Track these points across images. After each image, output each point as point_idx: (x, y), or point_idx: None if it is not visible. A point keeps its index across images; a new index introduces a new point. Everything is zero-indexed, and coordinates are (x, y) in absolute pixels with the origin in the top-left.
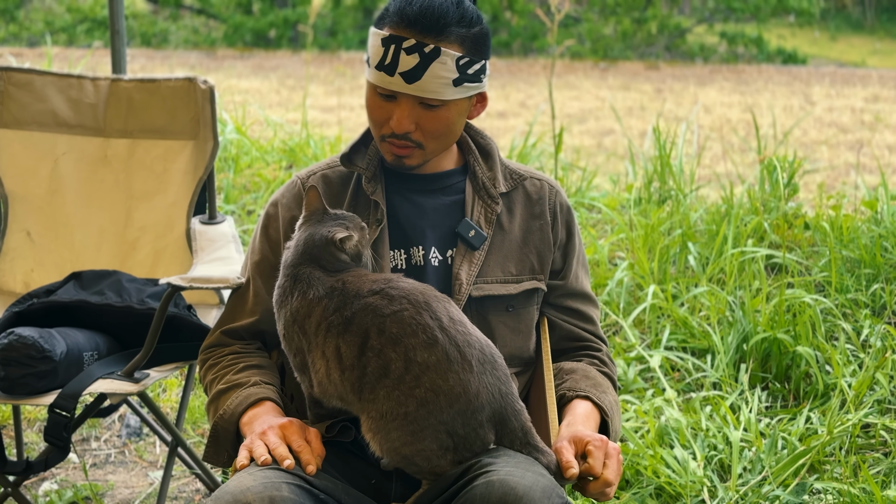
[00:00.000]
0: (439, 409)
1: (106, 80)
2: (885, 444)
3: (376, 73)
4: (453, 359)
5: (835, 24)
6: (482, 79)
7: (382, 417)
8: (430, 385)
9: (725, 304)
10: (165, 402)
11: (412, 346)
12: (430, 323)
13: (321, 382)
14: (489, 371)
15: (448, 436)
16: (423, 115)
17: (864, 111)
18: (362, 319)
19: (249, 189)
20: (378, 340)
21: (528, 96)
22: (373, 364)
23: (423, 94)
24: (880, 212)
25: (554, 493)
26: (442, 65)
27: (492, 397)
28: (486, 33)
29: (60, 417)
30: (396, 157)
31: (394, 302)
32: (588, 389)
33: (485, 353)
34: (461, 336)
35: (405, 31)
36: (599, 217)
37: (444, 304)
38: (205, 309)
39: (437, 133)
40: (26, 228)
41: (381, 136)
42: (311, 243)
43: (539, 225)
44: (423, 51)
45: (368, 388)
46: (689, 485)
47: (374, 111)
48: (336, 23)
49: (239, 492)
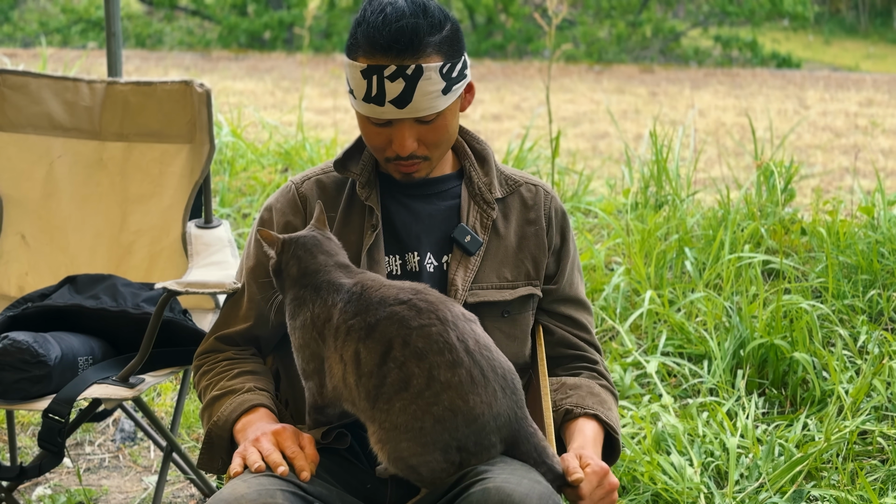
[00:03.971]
0: (455, 428)
1: (102, 82)
2: (882, 451)
3: (366, 106)
4: (477, 381)
5: (829, 28)
6: (466, 73)
7: (395, 429)
8: (449, 404)
9: (722, 309)
10: (160, 407)
11: (437, 364)
12: (457, 343)
13: (336, 386)
14: (509, 395)
15: (458, 452)
16: (422, 130)
17: (858, 115)
18: (387, 328)
19: (245, 192)
20: (402, 352)
21: (522, 99)
22: (393, 375)
23: (418, 115)
24: (877, 217)
25: (550, 499)
26: (427, 80)
27: (508, 421)
28: (456, 28)
29: (55, 422)
30: (405, 175)
31: (422, 315)
32: (595, 407)
33: (507, 380)
34: (486, 361)
35: (382, 58)
36: (596, 222)
37: (471, 325)
38: (200, 313)
39: (439, 142)
40: (21, 232)
41: (386, 158)
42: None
43: (534, 230)
44: (406, 73)
45: (385, 398)
46: (685, 491)
47: (372, 139)
48: (331, 25)
49: (233, 499)
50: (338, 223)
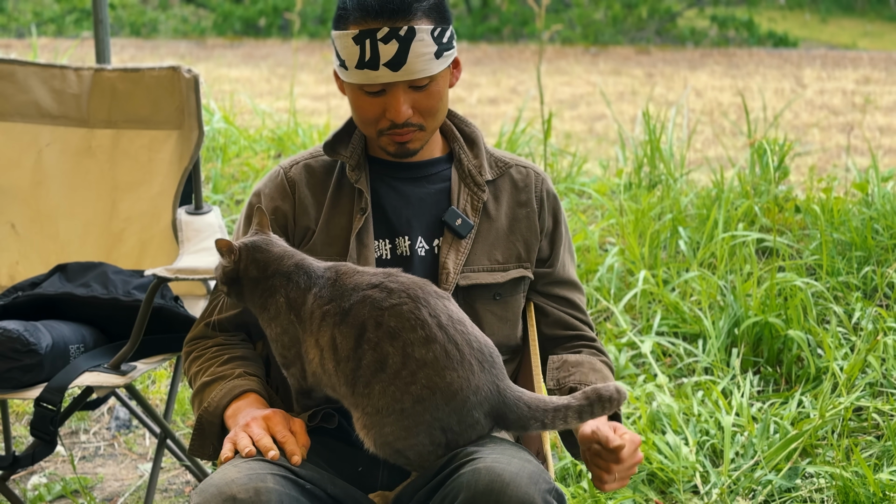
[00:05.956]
0: (435, 406)
1: (89, 70)
2: (877, 427)
3: (359, 73)
4: (452, 356)
5: (825, 7)
6: (454, 44)
7: (378, 413)
8: (426, 382)
9: (716, 288)
10: (154, 394)
11: (410, 342)
12: (429, 319)
13: (315, 373)
14: (487, 369)
15: (442, 432)
16: (416, 97)
17: (854, 93)
18: (360, 311)
19: (238, 178)
20: (375, 333)
21: (518, 82)
22: (368, 357)
23: (413, 77)
24: (871, 194)
25: (541, 478)
26: (420, 42)
27: (490, 394)
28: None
29: (47, 411)
30: (400, 146)
31: (392, 295)
32: (598, 383)
33: (483, 353)
34: (461, 335)
35: (374, 22)
36: (590, 202)
37: (443, 301)
38: (192, 300)
39: (433, 109)
40: (10, 221)
41: (380, 130)
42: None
43: (525, 213)
44: (399, 35)
45: (363, 381)
46: (681, 470)
47: (365, 111)
48: (325, 10)
49: (224, 484)
50: (326, 207)
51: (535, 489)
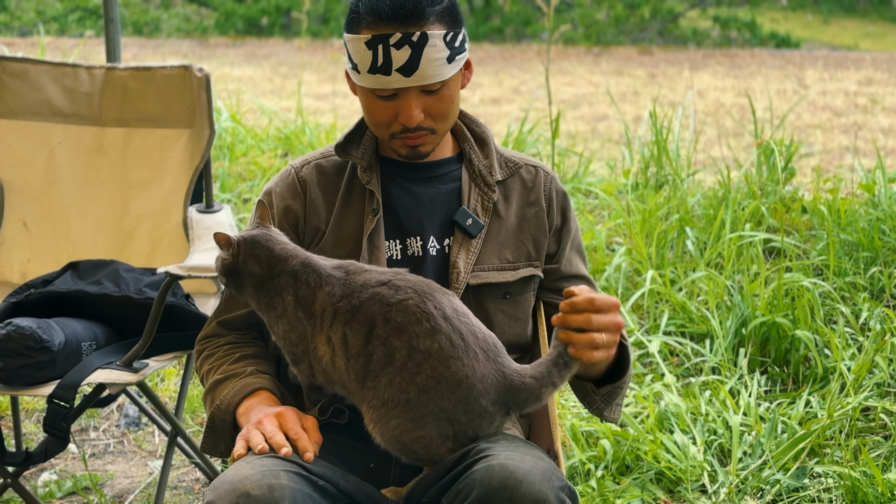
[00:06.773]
0: (440, 396)
1: (101, 68)
2: (885, 428)
3: (371, 78)
4: (457, 346)
5: (827, 8)
6: (466, 47)
7: (384, 405)
8: (431, 372)
9: (724, 288)
10: (164, 392)
11: (416, 334)
12: (434, 312)
13: (325, 370)
14: (492, 358)
15: (449, 423)
16: (427, 101)
17: (857, 94)
18: (369, 308)
19: (245, 177)
20: (384, 329)
21: (521, 82)
22: (378, 352)
23: (425, 82)
24: (877, 195)
25: (554, 475)
26: (433, 48)
27: (496, 381)
28: (454, 1)
29: (59, 408)
30: (412, 149)
31: (399, 292)
32: None
33: (488, 343)
34: (465, 326)
35: (386, 27)
36: (597, 203)
37: (448, 296)
38: (203, 298)
39: (445, 113)
40: (23, 219)
41: (392, 134)
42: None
43: (534, 212)
44: (412, 41)
45: (372, 375)
46: (689, 469)
47: (376, 114)
48: (329, 10)
49: (237, 480)
50: (337, 208)
51: (549, 486)
